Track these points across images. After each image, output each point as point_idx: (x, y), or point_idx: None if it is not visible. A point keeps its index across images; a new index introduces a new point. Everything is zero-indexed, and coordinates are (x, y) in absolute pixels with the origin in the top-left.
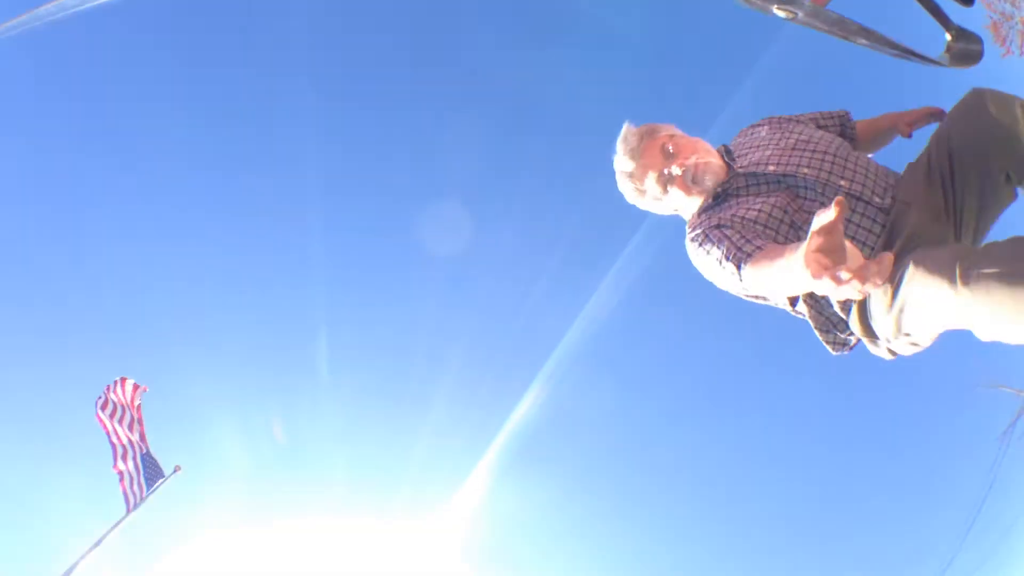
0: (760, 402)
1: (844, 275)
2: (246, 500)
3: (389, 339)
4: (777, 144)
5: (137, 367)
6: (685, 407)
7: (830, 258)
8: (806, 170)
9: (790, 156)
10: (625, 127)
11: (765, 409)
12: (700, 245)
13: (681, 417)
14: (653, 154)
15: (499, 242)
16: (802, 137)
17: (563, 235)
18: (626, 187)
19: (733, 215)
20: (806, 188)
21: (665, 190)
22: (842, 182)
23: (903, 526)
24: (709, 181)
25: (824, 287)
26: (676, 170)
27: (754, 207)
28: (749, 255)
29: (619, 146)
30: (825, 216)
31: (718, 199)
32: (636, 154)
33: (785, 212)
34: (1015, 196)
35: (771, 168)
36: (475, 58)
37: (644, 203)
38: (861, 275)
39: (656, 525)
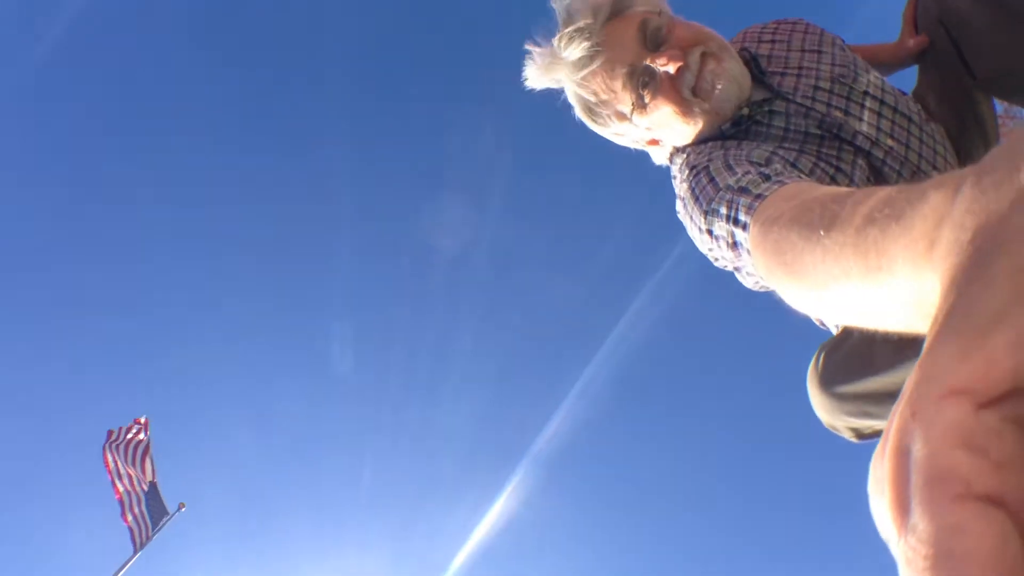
0: (761, 405)
1: None
2: (249, 536)
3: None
4: (838, 79)
5: (144, 404)
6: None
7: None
8: (891, 141)
9: (862, 108)
10: None
11: (765, 411)
12: (690, 185)
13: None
14: (624, 36)
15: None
16: (875, 80)
17: (598, 254)
18: (572, 91)
19: (773, 154)
20: (885, 163)
21: (640, 102)
22: (934, 174)
23: None
24: (723, 95)
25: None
26: (665, 66)
27: (821, 164)
28: (763, 195)
29: (561, 19)
30: None
31: (738, 126)
32: (593, 34)
33: None
34: None
35: (836, 113)
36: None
37: (597, 123)
38: None
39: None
